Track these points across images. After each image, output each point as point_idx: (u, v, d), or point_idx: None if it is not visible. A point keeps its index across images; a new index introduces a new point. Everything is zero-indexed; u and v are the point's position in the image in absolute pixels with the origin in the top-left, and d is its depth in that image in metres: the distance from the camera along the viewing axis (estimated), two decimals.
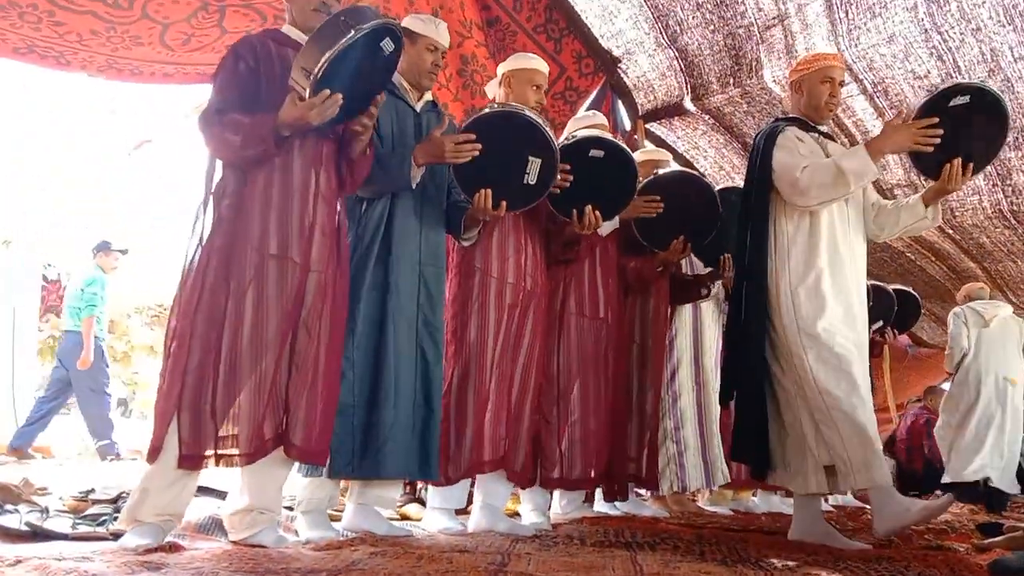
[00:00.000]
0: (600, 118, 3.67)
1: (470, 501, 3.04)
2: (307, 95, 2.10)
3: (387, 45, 2.21)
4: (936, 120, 2.65)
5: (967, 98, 2.68)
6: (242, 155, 2.22)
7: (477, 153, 2.55)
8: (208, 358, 2.14)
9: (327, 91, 2.11)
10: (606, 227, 3.22)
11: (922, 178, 4.77)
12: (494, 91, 3.22)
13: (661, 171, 3.51)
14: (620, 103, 4.92)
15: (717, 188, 3.66)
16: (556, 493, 3.35)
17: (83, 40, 3.45)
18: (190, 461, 2.09)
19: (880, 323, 5.10)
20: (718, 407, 4.00)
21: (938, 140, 2.66)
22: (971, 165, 2.74)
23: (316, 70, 2.06)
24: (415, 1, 3.83)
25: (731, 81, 4.60)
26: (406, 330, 2.62)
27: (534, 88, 3.10)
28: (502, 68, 3.19)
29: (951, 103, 2.68)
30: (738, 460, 2.83)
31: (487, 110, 2.73)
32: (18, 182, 7.51)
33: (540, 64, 3.16)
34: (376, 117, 2.36)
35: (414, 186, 2.62)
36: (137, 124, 6.93)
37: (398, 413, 2.55)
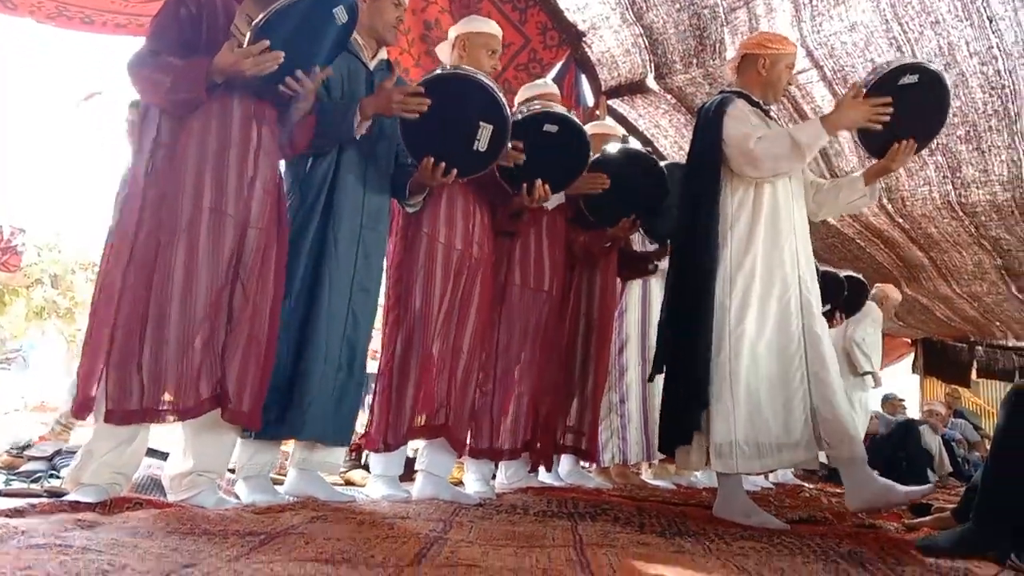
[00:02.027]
0: (552, 87, 3.64)
1: (410, 469, 3.04)
2: (245, 43, 2.05)
3: (340, 14, 2.17)
4: (889, 99, 2.68)
5: (915, 77, 2.72)
6: (171, 98, 2.15)
7: (425, 108, 2.49)
8: (136, 312, 2.07)
9: (266, 42, 2.06)
10: (553, 200, 3.19)
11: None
12: (446, 54, 3.16)
13: (609, 147, 3.49)
14: (583, 78, 4.91)
15: (664, 163, 3.66)
16: (501, 463, 3.37)
17: None
18: (117, 416, 2.04)
19: (828, 307, 5.21)
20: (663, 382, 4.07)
21: (888, 118, 2.69)
22: (915, 144, 2.79)
23: (259, 19, 2.02)
24: None
25: (694, 62, 4.61)
26: (341, 293, 2.57)
27: (489, 53, 3.04)
28: (454, 31, 3.12)
29: (900, 82, 2.72)
30: (665, 433, 2.80)
31: (439, 71, 2.66)
32: None
33: (494, 28, 3.10)
34: (312, 88, 2.29)
35: (358, 136, 2.54)
36: (87, 75, 6.71)
37: (324, 376, 2.50)
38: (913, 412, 9.03)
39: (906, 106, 2.70)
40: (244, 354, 2.22)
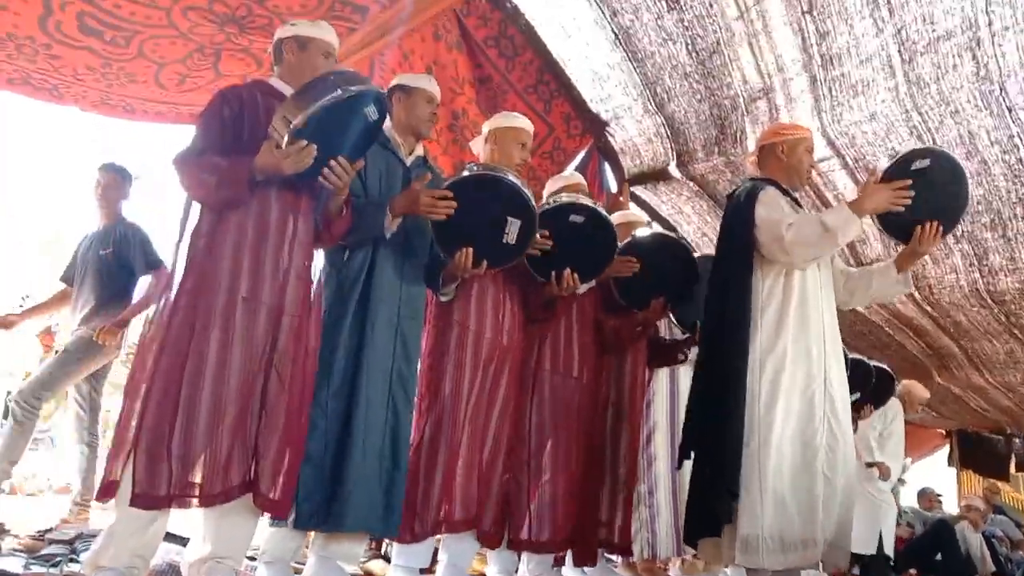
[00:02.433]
0: (578, 177, 3.71)
1: (434, 560, 2.97)
2: (284, 144, 2.14)
3: (371, 113, 2.26)
4: (909, 182, 2.71)
5: (927, 161, 2.77)
6: (216, 196, 2.24)
7: (452, 212, 2.56)
8: (168, 398, 2.10)
9: (303, 142, 2.14)
10: (582, 287, 3.21)
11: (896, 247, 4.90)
12: (479, 148, 3.26)
13: (640, 232, 3.54)
14: (606, 165, 5.01)
15: (696, 255, 3.68)
16: (524, 556, 3.28)
17: (78, 75, 3.49)
18: (143, 500, 2.04)
19: (857, 395, 5.11)
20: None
21: (910, 200, 2.71)
22: (940, 227, 2.80)
23: (296, 121, 2.11)
24: (409, 56, 3.90)
25: (716, 150, 4.69)
26: (380, 382, 2.59)
27: (519, 146, 3.12)
28: (487, 126, 3.23)
29: (913, 167, 2.76)
30: (691, 523, 2.72)
31: (468, 171, 2.75)
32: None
33: (525, 123, 3.20)
34: (346, 179, 2.35)
35: (388, 236, 2.61)
36: (127, 160, 6.96)
37: (365, 466, 2.49)
38: (951, 507, 8.73)
39: (925, 190, 2.73)
40: (280, 441, 2.24)
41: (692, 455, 2.81)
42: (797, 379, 2.70)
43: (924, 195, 2.73)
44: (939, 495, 8.20)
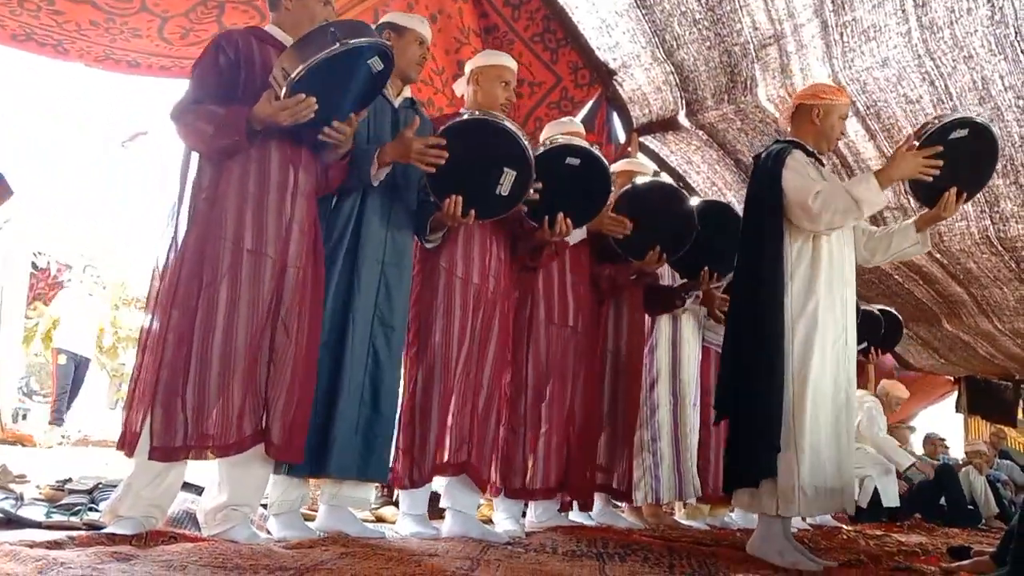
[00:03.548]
0: (576, 124, 3.67)
1: (433, 505, 3.03)
2: (282, 96, 2.13)
3: (375, 63, 2.23)
4: (940, 150, 2.74)
5: (965, 132, 2.79)
6: (213, 145, 2.24)
7: (443, 161, 2.52)
8: (180, 352, 2.15)
9: (301, 95, 2.13)
10: (575, 235, 3.19)
11: (911, 203, 4.86)
12: (462, 89, 3.20)
13: (638, 180, 3.51)
14: (615, 115, 4.96)
15: (697, 201, 3.66)
16: (531, 502, 3.35)
17: (81, 30, 3.46)
18: (161, 453, 2.11)
19: (864, 344, 5.13)
20: (695, 420, 4.03)
21: (938, 171, 2.74)
22: (964, 194, 2.86)
23: (294, 74, 2.09)
24: (414, 6, 3.85)
25: (725, 98, 4.63)
26: (362, 329, 2.60)
27: (502, 84, 3.06)
28: (470, 65, 3.15)
29: (951, 136, 2.78)
30: (731, 477, 2.83)
31: (466, 115, 2.70)
32: (11, 169, 7.51)
33: (508, 60, 3.12)
34: (348, 134, 2.35)
35: (375, 184, 2.59)
36: (133, 116, 6.94)
37: (345, 411, 2.52)
38: (958, 452, 8.80)
39: (957, 158, 2.77)
40: (289, 391, 2.28)
41: (729, 411, 2.90)
42: (829, 334, 2.79)
43: (955, 163, 2.77)
44: (943, 439, 8.26)
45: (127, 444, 2.15)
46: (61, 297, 8.11)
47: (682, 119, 4.93)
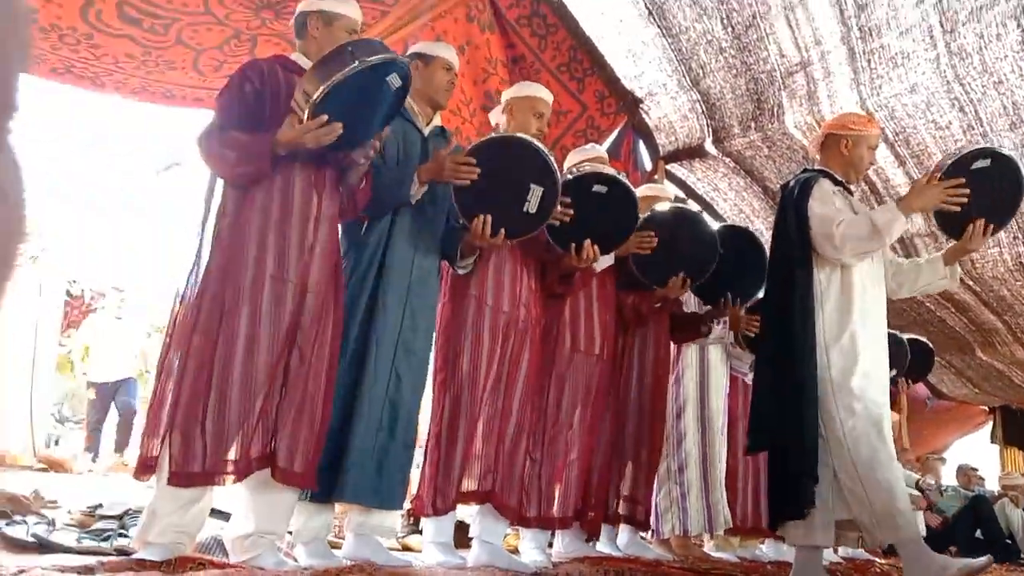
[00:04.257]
0: (600, 151, 3.68)
1: (460, 534, 3.00)
2: (305, 118, 2.15)
3: (394, 80, 2.24)
4: (963, 180, 2.73)
5: (988, 162, 2.79)
6: (237, 171, 2.26)
7: (475, 176, 2.56)
8: (200, 377, 2.15)
9: (324, 117, 2.15)
10: (602, 262, 3.19)
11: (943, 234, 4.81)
12: (497, 118, 3.24)
13: (660, 206, 3.50)
14: (641, 143, 4.97)
15: (719, 226, 3.65)
16: (558, 531, 3.32)
17: (118, 63, 3.56)
18: (179, 479, 2.10)
19: (894, 371, 5.06)
20: (723, 450, 3.98)
21: (964, 200, 2.74)
22: (991, 226, 2.83)
23: (315, 96, 2.10)
24: (443, 38, 3.91)
25: (752, 125, 4.63)
26: (384, 353, 2.60)
27: (536, 116, 3.09)
28: (505, 95, 3.20)
29: (973, 165, 2.77)
30: (776, 509, 2.80)
31: (491, 135, 2.74)
32: (47, 197, 7.67)
33: (543, 92, 3.16)
34: (378, 151, 2.39)
35: (413, 202, 2.63)
36: (168, 146, 7.09)
37: (362, 436, 2.52)
38: (992, 484, 8.60)
39: (981, 189, 2.76)
40: (297, 415, 2.27)
41: (767, 443, 2.88)
42: (867, 367, 2.76)
43: (979, 194, 2.76)
44: (975, 469, 8.09)
45: (144, 469, 2.15)
46: (89, 323, 8.18)
47: (709, 147, 4.93)
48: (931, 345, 5.69)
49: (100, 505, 3.05)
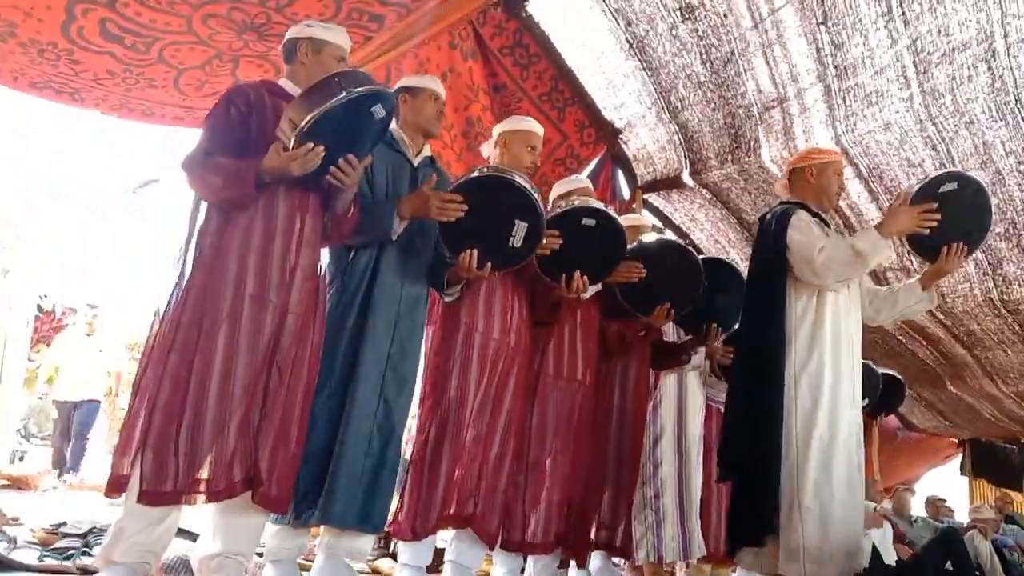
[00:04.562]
0: (586, 182, 3.72)
1: (437, 559, 3.00)
2: (291, 146, 2.16)
3: (378, 111, 2.28)
4: (935, 205, 2.80)
5: (955, 185, 2.86)
6: (222, 196, 2.26)
7: (462, 214, 2.60)
8: (176, 396, 2.13)
9: (310, 144, 2.16)
10: (588, 290, 3.23)
11: (915, 263, 4.89)
12: (489, 151, 3.28)
13: (646, 237, 3.55)
14: (620, 172, 5.03)
15: (702, 257, 3.70)
16: (530, 558, 3.31)
17: (99, 79, 3.55)
18: (150, 497, 2.06)
19: (866, 401, 5.11)
20: (699, 477, 3.99)
21: (936, 223, 2.79)
22: (964, 247, 2.90)
23: (302, 124, 2.12)
24: (426, 64, 3.94)
25: (729, 158, 4.70)
26: (372, 379, 2.61)
27: (529, 149, 3.14)
28: (498, 129, 3.25)
29: (941, 189, 2.85)
30: (734, 536, 2.80)
31: (478, 172, 2.78)
32: (18, 212, 7.60)
33: (535, 126, 3.22)
34: (360, 177, 2.40)
35: (394, 237, 2.64)
36: (143, 162, 7.06)
37: (353, 462, 2.52)
38: (962, 516, 8.68)
39: (952, 211, 2.83)
40: (276, 438, 2.25)
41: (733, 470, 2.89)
42: (838, 395, 2.80)
43: (950, 217, 2.83)
44: (944, 500, 8.17)
45: (115, 487, 2.11)
46: (59, 340, 8.03)
47: (686, 178, 5.00)
48: (903, 379, 5.76)
49: (64, 523, 3.00)
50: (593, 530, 3.53)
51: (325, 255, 2.64)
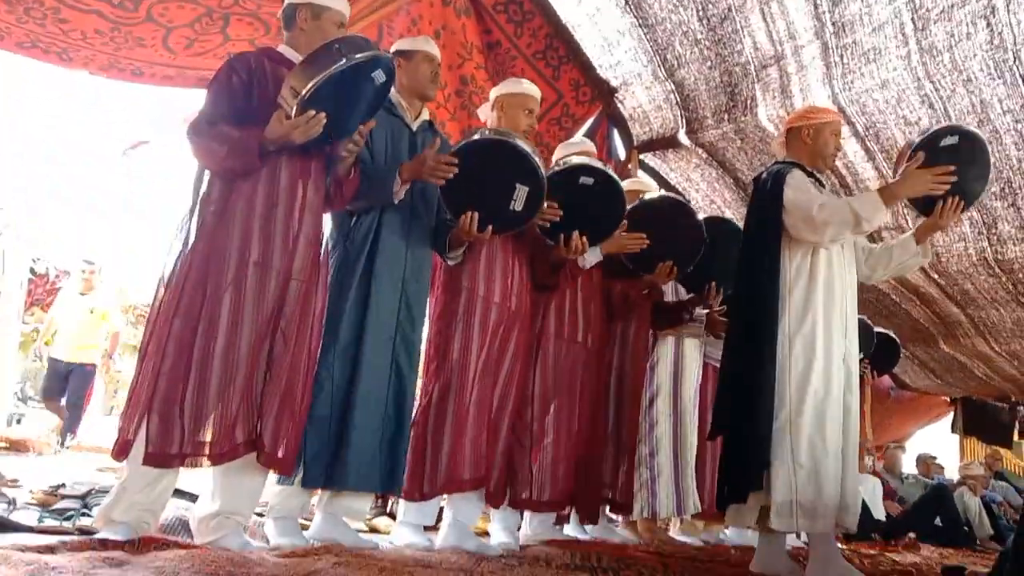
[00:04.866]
0: (589, 145, 3.72)
1: (439, 518, 3.05)
2: (293, 114, 2.18)
3: (378, 76, 2.29)
4: (951, 168, 2.77)
5: (955, 139, 2.85)
6: (226, 166, 2.29)
7: (452, 175, 2.59)
8: (181, 360, 2.17)
9: (312, 112, 2.18)
10: (590, 259, 3.26)
11: (909, 223, 4.89)
12: (486, 114, 3.26)
13: (649, 195, 3.56)
14: (615, 132, 4.99)
15: (704, 217, 3.71)
16: (527, 514, 3.36)
17: (87, 38, 3.48)
18: (155, 459, 2.11)
19: (861, 355, 5.14)
20: (694, 437, 4.04)
21: (949, 185, 2.78)
22: (962, 202, 2.88)
23: (303, 92, 2.14)
24: (418, 22, 3.88)
25: (726, 117, 4.66)
26: (383, 344, 2.65)
27: (526, 112, 3.15)
28: (495, 92, 3.25)
29: (941, 143, 2.83)
30: (724, 492, 2.84)
31: (478, 135, 2.78)
32: (10, 174, 7.53)
33: (532, 89, 3.21)
34: (362, 143, 2.42)
35: (396, 201, 2.66)
36: (135, 124, 6.97)
37: (367, 427, 2.57)
38: (953, 473, 8.80)
39: (951, 165, 2.80)
40: (282, 401, 2.30)
41: (725, 428, 2.91)
42: (832, 354, 2.81)
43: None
44: (934, 458, 8.27)
45: (121, 450, 2.16)
46: (59, 301, 7.95)
47: (682, 137, 4.96)
48: (897, 339, 5.79)
49: (63, 485, 3.02)
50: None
51: (328, 222, 2.66)
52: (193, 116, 2.34)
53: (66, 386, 7.19)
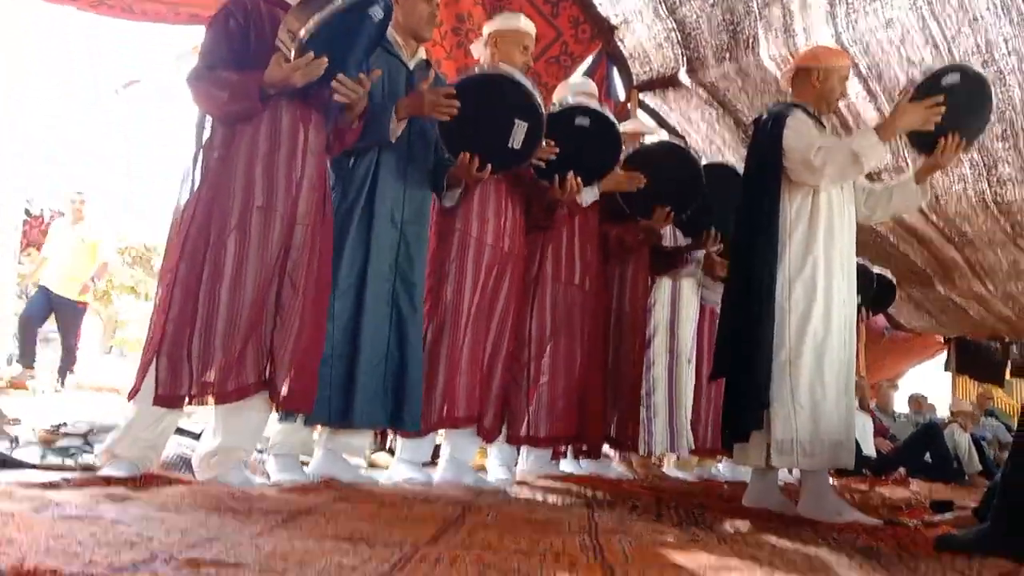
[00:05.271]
0: (591, 86, 3.68)
1: (436, 455, 3.10)
2: (292, 57, 2.16)
3: (375, 12, 2.26)
4: (941, 99, 2.75)
5: (957, 77, 2.81)
6: (227, 110, 2.29)
7: (455, 111, 2.56)
8: (188, 304, 2.21)
9: (311, 54, 2.16)
10: (587, 197, 3.24)
11: (909, 165, 4.85)
12: (480, 51, 3.20)
13: (648, 140, 3.53)
14: (615, 71, 4.91)
15: (704, 163, 3.69)
16: (523, 450, 3.42)
17: None
18: (164, 400, 2.16)
19: (859, 299, 5.16)
20: (690, 377, 4.09)
21: (940, 118, 2.75)
22: (962, 141, 2.86)
23: (302, 34, 2.12)
24: None
25: (727, 56, 4.58)
26: (382, 285, 2.66)
27: (521, 49, 3.08)
28: (488, 28, 3.17)
29: (943, 82, 2.79)
30: (725, 431, 2.89)
31: (477, 71, 2.73)
32: (2, 116, 7.43)
33: (527, 24, 3.14)
34: (365, 94, 2.39)
35: (392, 140, 2.62)
36: (126, 63, 6.86)
37: (370, 365, 2.59)
38: (945, 411, 8.92)
39: (952, 105, 2.77)
40: (296, 341, 2.32)
41: (726, 369, 2.93)
42: (832, 297, 2.81)
43: (950, 109, 2.77)
44: (925, 397, 8.37)
45: (136, 392, 2.21)
46: (50, 235, 7.81)
47: (682, 77, 4.88)
48: (894, 280, 5.80)
49: (64, 423, 3.06)
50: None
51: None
52: (184, 52, 2.32)
53: (47, 316, 7.10)
